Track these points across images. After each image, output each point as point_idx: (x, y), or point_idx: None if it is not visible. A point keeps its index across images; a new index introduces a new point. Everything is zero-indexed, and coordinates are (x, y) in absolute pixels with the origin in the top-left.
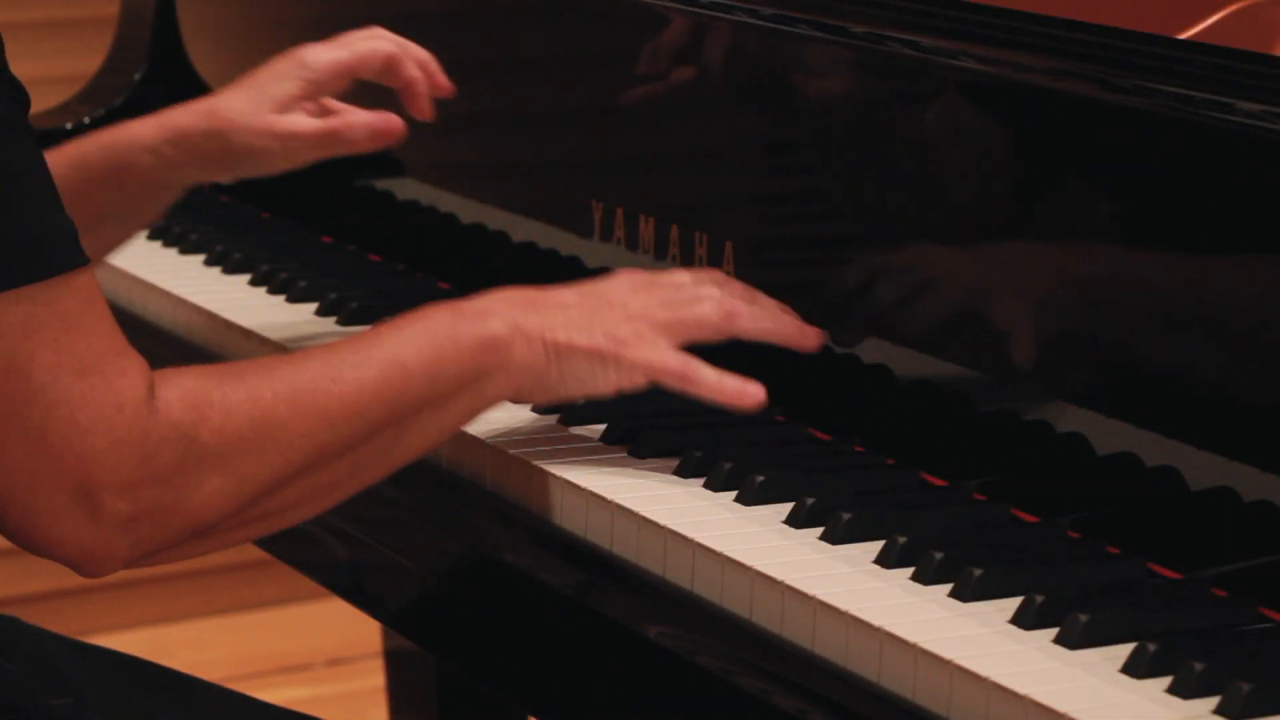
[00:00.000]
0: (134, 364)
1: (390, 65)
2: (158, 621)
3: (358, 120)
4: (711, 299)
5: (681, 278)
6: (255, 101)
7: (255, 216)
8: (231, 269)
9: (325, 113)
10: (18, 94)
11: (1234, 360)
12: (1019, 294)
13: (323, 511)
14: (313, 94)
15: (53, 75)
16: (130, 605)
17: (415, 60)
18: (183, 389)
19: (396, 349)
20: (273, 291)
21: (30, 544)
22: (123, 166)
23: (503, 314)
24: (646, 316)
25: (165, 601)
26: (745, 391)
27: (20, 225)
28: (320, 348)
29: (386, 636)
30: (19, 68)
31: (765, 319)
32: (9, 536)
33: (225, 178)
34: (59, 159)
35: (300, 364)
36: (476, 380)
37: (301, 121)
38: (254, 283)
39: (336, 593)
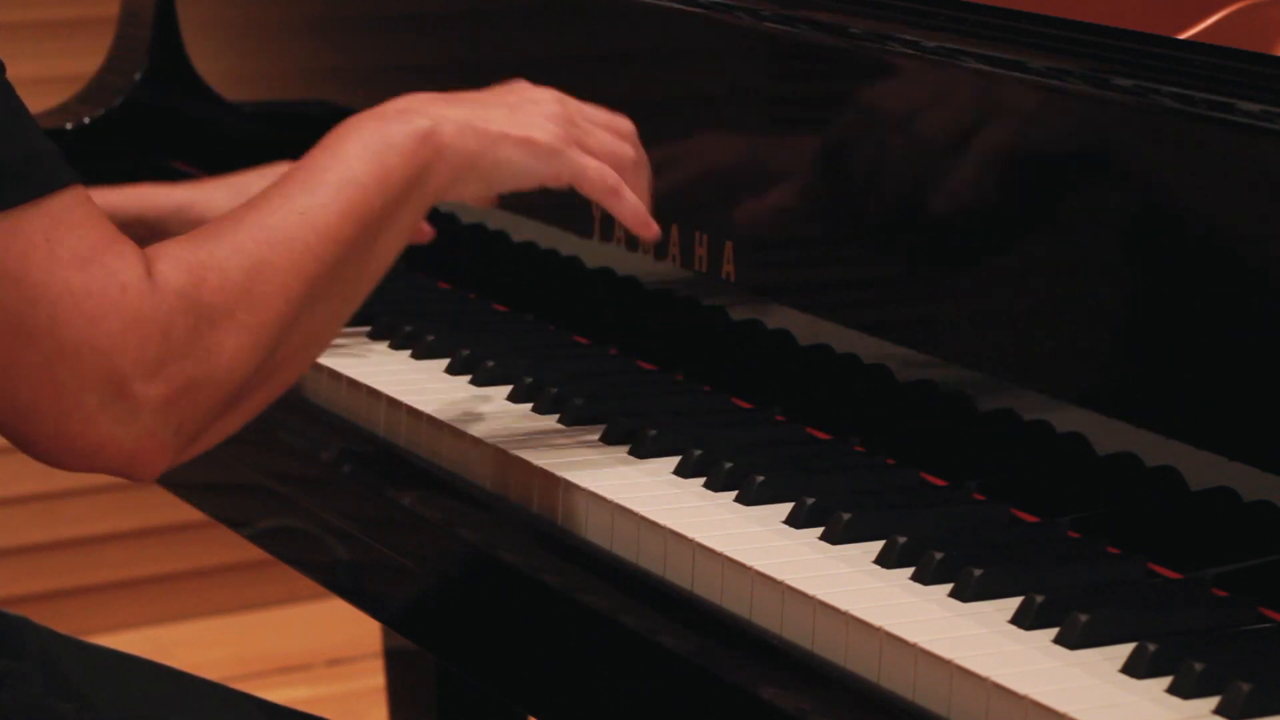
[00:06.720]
0: (128, 247)
1: None
2: (158, 621)
3: None
4: (620, 138)
5: (586, 106)
6: (232, 201)
7: None
8: None
9: None
10: None
11: (1234, 360)
12: (1019, 294)
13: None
14: None
15: (53, 75)
16: (130, 605)
17: None
18: (173, 257)
19: (345, 169)
20: None
21: (71, 458)
22: None
23: (424, 110)
24: (566, 118)
25: (165, 601)
26: (650, 224)
27: (6, 149)
28: (267, 190)
29: (386, 636)
30: (19, 68)
31: (636, 198)
32: (46, 459)
33: None
34: None
35: (262, 208)
36: (420, 177)
37: None
38: None
39: (336, 593)
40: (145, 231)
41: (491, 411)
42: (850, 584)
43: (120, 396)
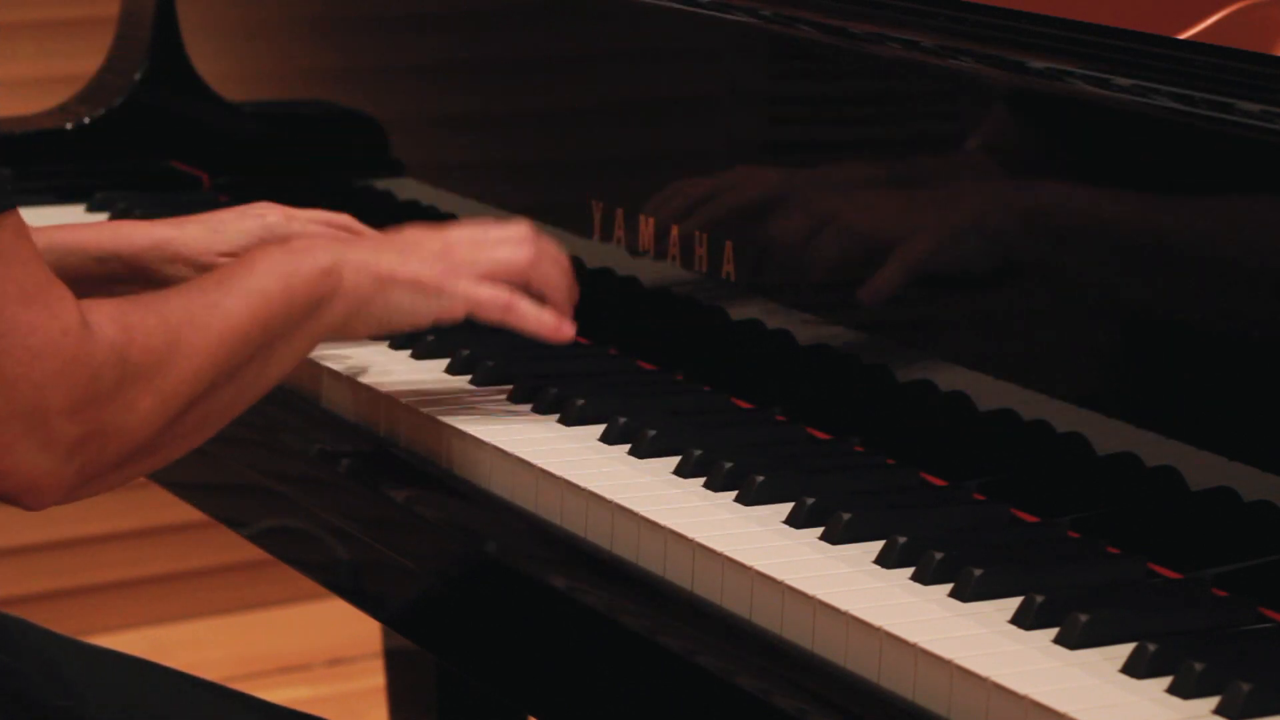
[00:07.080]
0: (65, 290)
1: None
2: (158, 621)
3: None
4: (510, 245)
5: (478, 228)
6: (209, 241)
7: None
8: None
9: None
10: None
11: (1234, 360)
12: (1019, 294)
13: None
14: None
15: (53, 75)
16: (130, 605)
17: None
18: (106, 313)
19: (255, 281)
20: None
21: None
22: (64, 269)
23: (327, 248)
24: (450, 255)
25: (165, 601)
26: (560, 328)
27: None
28: (188, 283)
29: (386, 636)
30: (19, 68)
31: (535, 308)
32: None
33: None
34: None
35: (182, 295)
36: (317, 307)
37: None
38: None
39: (336, 593)
40: (122, 267)
41: (491, 411)
42: (850, 584)
43: (40, 429)
